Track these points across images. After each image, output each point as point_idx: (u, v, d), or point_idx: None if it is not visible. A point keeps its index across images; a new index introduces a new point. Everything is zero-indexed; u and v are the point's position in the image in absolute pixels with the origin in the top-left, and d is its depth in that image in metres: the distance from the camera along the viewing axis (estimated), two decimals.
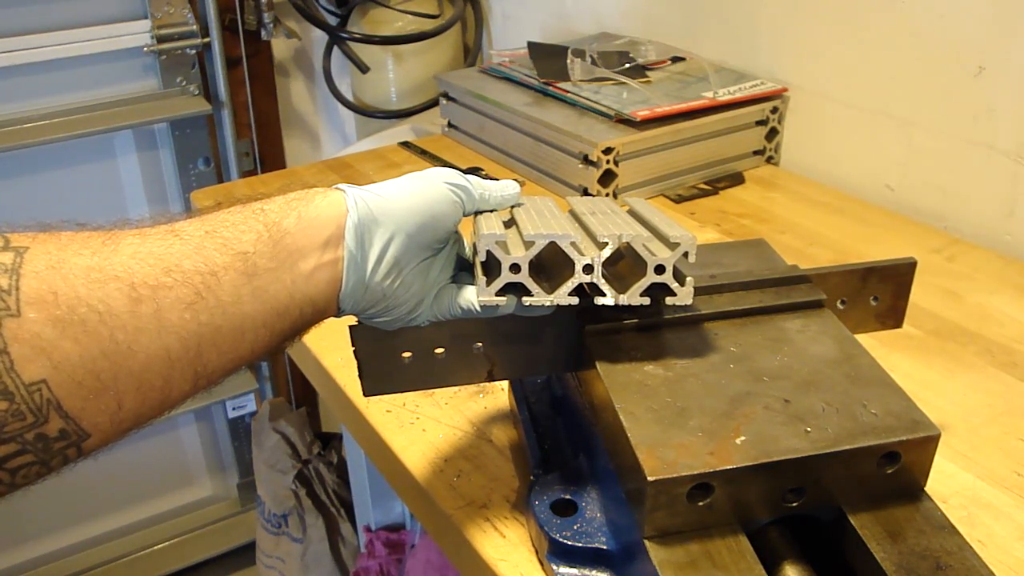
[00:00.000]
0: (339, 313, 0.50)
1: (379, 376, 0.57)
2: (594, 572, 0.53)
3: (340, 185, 0.50)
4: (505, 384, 0.71)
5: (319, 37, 1.76)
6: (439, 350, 0.56)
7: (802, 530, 0.50)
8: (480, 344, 0.57)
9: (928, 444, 0.49)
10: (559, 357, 0.59)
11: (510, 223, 0.55)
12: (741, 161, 1.16)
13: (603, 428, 0.54)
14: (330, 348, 0.80)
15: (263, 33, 1.72)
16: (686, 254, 0.51)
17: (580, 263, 0.50)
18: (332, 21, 1.67)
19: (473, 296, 0.52)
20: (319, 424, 1.99)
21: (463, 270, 0.55)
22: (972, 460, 0.65)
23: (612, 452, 0.52)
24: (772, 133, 1.17)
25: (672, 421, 0.49)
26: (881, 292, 0.63)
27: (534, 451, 0.62)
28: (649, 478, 0.45)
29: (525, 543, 0.58)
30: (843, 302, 0.62)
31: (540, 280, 0.51)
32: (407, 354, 0.56)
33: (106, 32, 1.59)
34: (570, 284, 0.50)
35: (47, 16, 1.54)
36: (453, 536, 0.61)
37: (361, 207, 0.49)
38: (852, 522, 0.48)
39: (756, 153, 1.17)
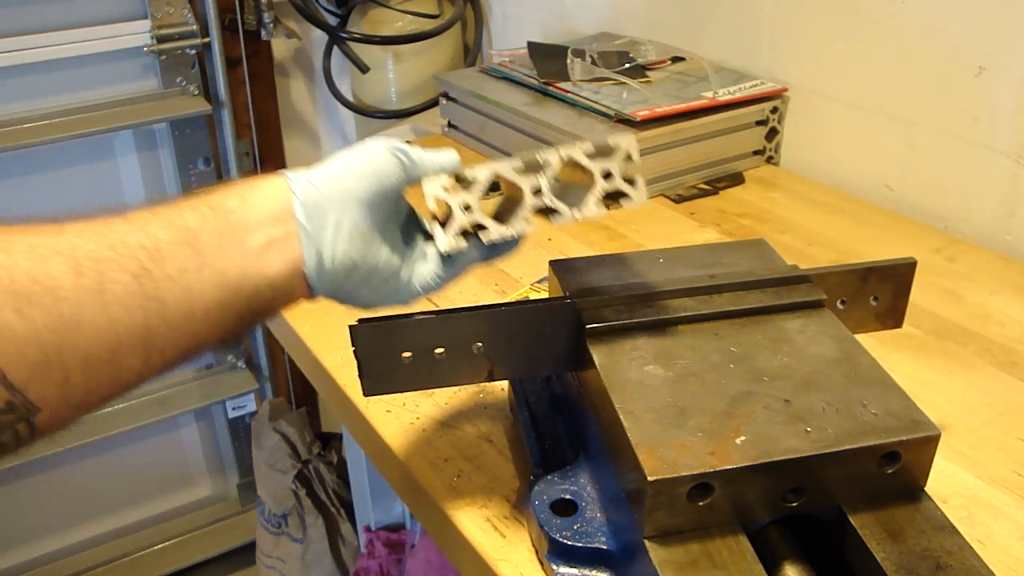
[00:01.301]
0: (311, 293, 0.50)
1: (379, 376, 0.57)
2: (594, 572, 0.53)
3: (282, 171, 0.50)
4: (505, 384, 0.71)
5: (319, 37, 1.76)
6: (439, 350, 0.56)
7: (802, 530, 0.50)
8: (480, 344, 0.57)
9: (928, 444, 0.49)
10: (559, 357, 0.59)
11: (459, 181, 0.55)
12: (741, 161, 1.16)
13: (603, 428, 0.54)
14: (330, 348, 0.80)
15: (263, 33, 1.71)
16: (629, 156, 0.51)
17: (527, 186, 0.50)
18: (332, 21, 1.67)
19: (437, 257, 0.53)
20: (319, 424, 1.99)
21: (428, 240, 0.55)
22: (972, 460, 0.65)
23: (612, 452, 0.52)
24: (772, 133, 1.17)
25: (672, 421, 0.49)
26: (881, 292, 0.63)
27: (534, 451, 0.62)
28: (649, 478, 0.45)
29: (525, 543, 0.58)
30: (843, 302, 0.62)
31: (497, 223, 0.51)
32: (407, 354, 0.56)
33: (106, 32, 1.59)
34: (524, 209, 0.50)
35: (47, 16, 1.54)
36: (453, 536, 0.61)
37: (306, 187, 0.49)
38: (852, 522, 0.48)
39: (756, 153, 1.17)
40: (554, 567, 0.54)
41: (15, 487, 1.82)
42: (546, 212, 0.51)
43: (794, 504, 0.48)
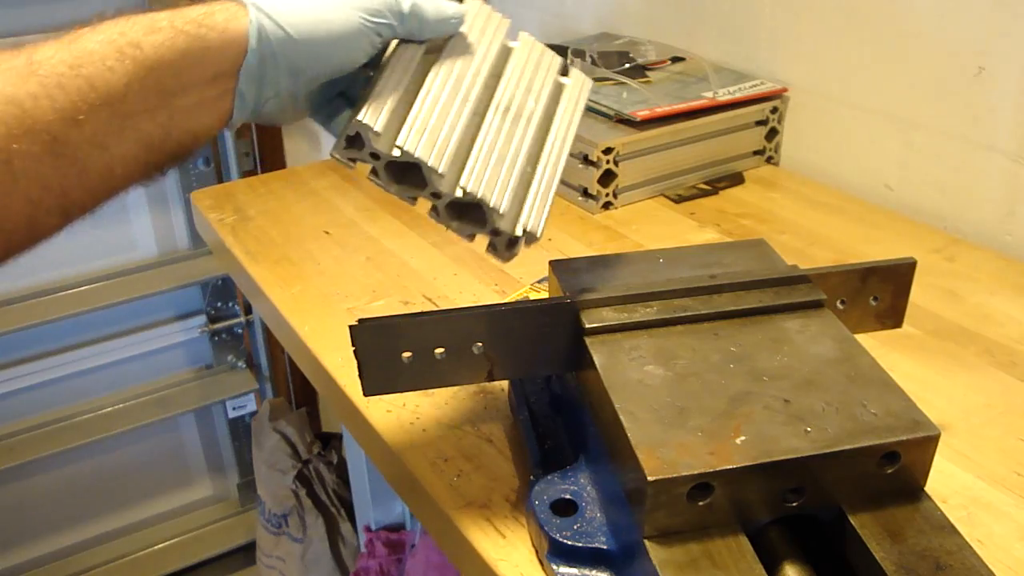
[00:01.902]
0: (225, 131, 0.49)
1: (379, 376, 0.57)
2: (594, 572, 0.53)
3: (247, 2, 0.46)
4: (505, 384, 0.71)
5: None
6: (439, 350, 0.57)
7: (802, 530, 0.50)
8: (480, 344, 0.57)
9: (928, 444, 0.49)
10: (559, 357, 0.59)
11: (418, 82, 0.54)
12: (741, 161, 1.16)
13: (603, 428, 0.54)
14: (330, 348, 0.80)
15: None
16: (525, 241, 0.56)
17: (431, 188, 0.52)
18: None
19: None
20: (319, 424, 2.00)
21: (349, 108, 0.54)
22: (972, 460, 0.65)
23: (612, 452, 0.52)
24: (772, 133, 1.17)
25: (672, 421, 0.49)
26: (881, 292, 0.63)
27: (534, 451, 0.62)
28: (649, 478, 0.45)
29: (525, 543, 0.58)
30: (843, 302, 0.62)
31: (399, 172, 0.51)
32: (407, 354, 0.56)
33: None
34: (414, 194, 0.52)
35: (47, 16, 1.54)
36: (453, 536, 0.61)
37: (264, 44, 0.45)
38: (852, 522, 0.48)
39: (756, 153, 1.17)
40: (554, 567, 0.54)
41: (15, 487, 1.82)
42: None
43: (794, 504, 0.48)
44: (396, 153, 0.51)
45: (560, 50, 1.22)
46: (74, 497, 1.92)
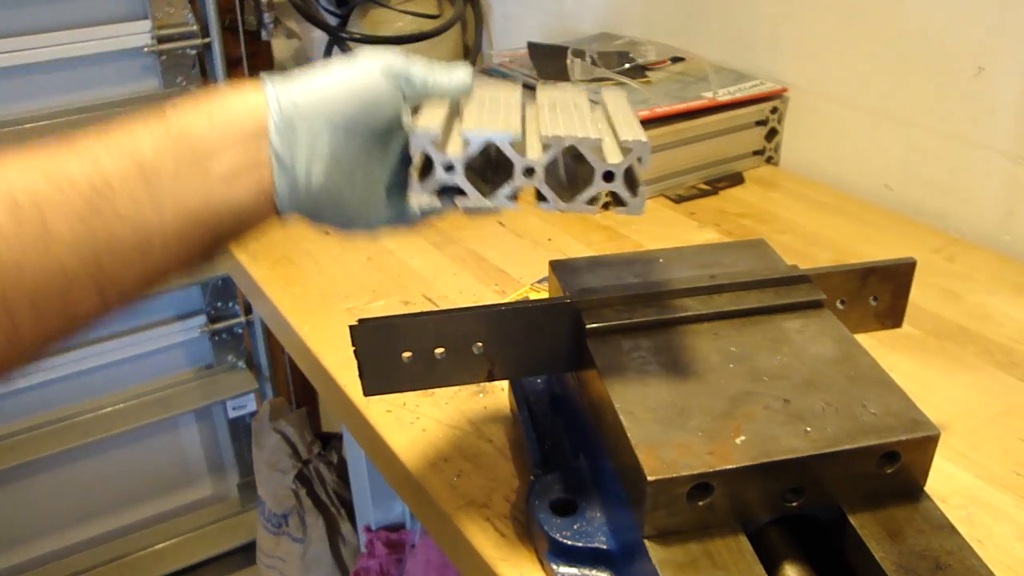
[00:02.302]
0: (280, 215, 0.46)
1: (379, 376, 0.57)
2: (594, 572, 0.53)
3: (262, 74, 0.46)
4: (505, 384, 0.71)
5: (319, 37, 1.76)
6: (439, 350, 0.57)
7: (802, 530, 0.50)
8: (480, 344, 0.57)
9: (928, 444, 0.49)
10: (559, 357, 0.59)
11: (456, 115, 0.52)
12: (741, 161, 1.16)
13: (603, 428, 0.54)
14: (330, 348, 0.80)
15: (263, 33, 1.72)
16: (640, 159, 0.47)
17: (520, 165, 0.47)
18: (332, 21, 1.67)
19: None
20: (319, 424, 1.99)
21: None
22: (972, 460, 0.65)
23: (612, 452, 0.52)
24: (772, 133, 1.17)
25: (672, 421, 0.49)
26: (881, 292, 0.63)
27: (534, 451, 0.62)
28: (649, 478, 0.45)
29: (525, 543, 0.58)
30: (843, 302, 0.62)
31: (483, 181, 0.48)
32: (407, 354, 0.56)
33: (106, 32, 1.59)
34: (509, 188, 0.47)
35: (47, 16, 1.54)
36: (453, 536, 0.61)
37: (284, 100, 0.44)
38: (852, 522, 0.48)
39: (756, 153, 1.17)
40: (554, 567, 0.54)
41: (15, 487, 1.82)
42: (536, 193, 0.48)
43: (794, 504, 0.48)
44: (471, 144, 0.46)
45: (560, 50, 1.22)
46: (74, 497, 1.92)
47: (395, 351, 0.56)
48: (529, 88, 0.57)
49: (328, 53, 1.70)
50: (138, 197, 0.41)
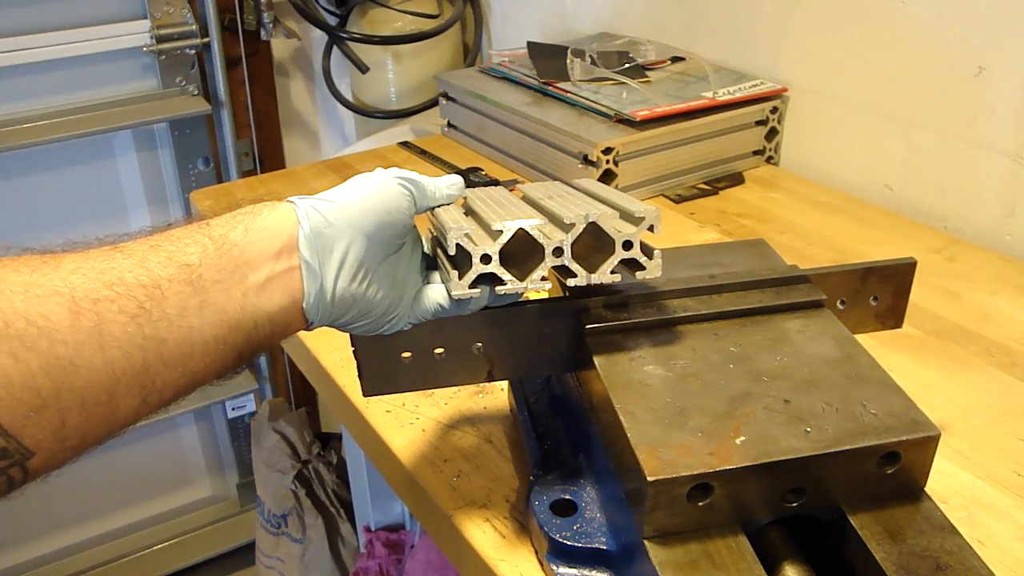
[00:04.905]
0: (308, 326, 0.49)
1: (379, 376, 0.57)
2: (594, 572, 0.53)
3: (291, 198, 0.49)
4: (505, 384, 0.71)
5: (319, 37, 1.76)
6: (439, 350, 0.56)
7: (802, 530, 0.50)
8: (480, 344, 0.57)
9: (928, 444, 0.49)
10: (559, 357, 0.59)
11: (468, 214, 0.55)
12: (741, 161, 1.16)
13: (603, 428, 0.54)
14: (330, 348, 0.80)
15: (263, 33, 1.72)
16: (651, 227, 0.51)
17: (550, 247, 0.50)
18: (332, 21, 1.67)
19: (443, 292, 0.52)
20: (319, 424, 1.99)
21: (430, 269, 0.55)
22: (972, 460, 0.65)
23: (612, 452, 0.52)
24: (772, 133, 1.17)
25: (672, 421, 0.49)
26: (881, 292, 0.63)
27: (534, 451, 0.62)
28: (649, 478, 0.45)
29: (525, 543, 0.58)
30: (843, 302, 0.62)
31: (508, 268, 0.51)
32: (407, 354, 0.56)
33: (106, 32, 1.59)
34: (542, 269, 0.50)
35: (47, 16, 1.54)
36: (453, 536, 0.61)
37: (313, 216, 0.48)
38: (852, 522, 0.48)
39: (756, 153, 1.17)
40: (554, 567, 0.54)
41: None
42: (561, 270, 0.51)
43: (794, 504, 0.48)
44: (505, 233, 0.50)
45: (560, 50, 1.22)
46: (74, 497, 1.92)
47: (395, 351, 0.56)
48: (505, 185, 0.61)
49: (328, 53, 1.70)
50: (185, 301, 0.43)
